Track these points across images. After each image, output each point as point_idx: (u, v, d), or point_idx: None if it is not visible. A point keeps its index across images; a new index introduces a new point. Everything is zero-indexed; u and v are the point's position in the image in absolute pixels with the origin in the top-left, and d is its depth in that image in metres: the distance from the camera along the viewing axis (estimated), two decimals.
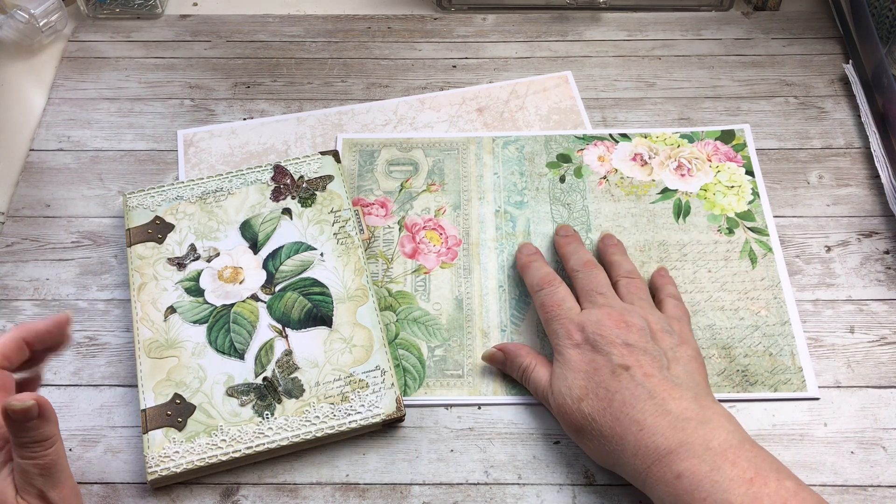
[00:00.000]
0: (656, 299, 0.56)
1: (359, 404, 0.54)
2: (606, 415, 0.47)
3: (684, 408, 0.46)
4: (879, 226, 0.64)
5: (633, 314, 0.51)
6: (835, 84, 0.73)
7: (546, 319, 0.54)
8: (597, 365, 0.49)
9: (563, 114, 0.71)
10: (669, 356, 0.50)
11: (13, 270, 0.63)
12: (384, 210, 0.65)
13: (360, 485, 0.53)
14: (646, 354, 0.49)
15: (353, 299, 0.58)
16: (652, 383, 0.47)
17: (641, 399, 0.47)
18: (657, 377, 0.48)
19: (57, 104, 0.73)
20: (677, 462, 0.44)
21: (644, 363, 0.48)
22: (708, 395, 0.49)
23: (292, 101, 0.72)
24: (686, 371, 0.49)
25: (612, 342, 0.50)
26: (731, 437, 0.45)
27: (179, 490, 0.53)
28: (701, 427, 0.45)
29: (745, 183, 0.65)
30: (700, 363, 0.51)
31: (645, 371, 0.48)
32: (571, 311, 0.53)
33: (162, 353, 0.56)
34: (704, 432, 0.45)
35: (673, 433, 0.45)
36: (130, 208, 0.62)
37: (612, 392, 0.47)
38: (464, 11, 0.79)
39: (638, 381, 0.47)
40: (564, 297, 0.54)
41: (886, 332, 0.58)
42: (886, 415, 0.55)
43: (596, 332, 0.50)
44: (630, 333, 0.50)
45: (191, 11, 0.80)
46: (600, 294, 0.54)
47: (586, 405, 0.48)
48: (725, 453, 0.44)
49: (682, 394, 0.47)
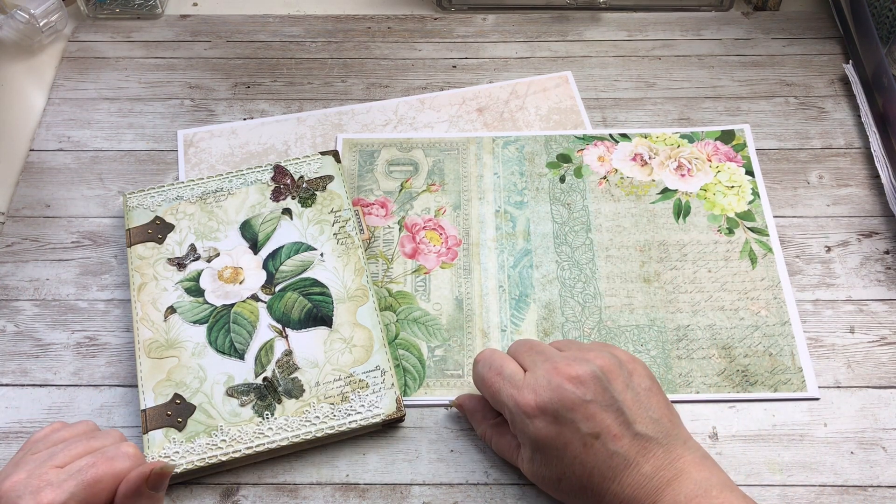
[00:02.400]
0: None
1: (359, 404, 0.54)
2: (587, 491, 0.46)
3: (657, 466, 0.46)
4: (879, 226, 0.64)
5: (579, 362, 0.48)
6: (835, 84, 0.73)
7: (492, 395, 0.50)
8: (566, 439, 0.46)
9: (563, 114, 0.71)
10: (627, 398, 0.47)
11: (13, 270, 0.63)
12: (384, 210, 0.65)
13: (360, 485, 0.53)
14: (608, 411, 0.46)
15: (353, 299, 0.58)
16: (623, 447, 0.46)
17: (619, 469, 0.46)
18: (626, 438, 0.46)
19: (57, 104, 0.73)
20: None
21: (610, 424, 0.46)
22: (675, 435, 0.47)
23: (292, 101, 0.72)
24: (649, 416, 0.47)
25: (573, 407, 0.46)
26: (697, 487, 0.45)
27: (179, 490, 0.53)
28: (670, 484, 0.45)
29: (745, 183, 0.65)
30: (656, 390, 0.48)
31: (613, 434, 0.46)
32: (515, 375, 0.49)
33: (162, 353, 0.56)
34: (673, 489, 0.45)
35: (647, 495, 0.45)
36: (130, 208, 0.62)
37: (590, 467, 0.46)
38: (464, 11, 0.79)
39: (610, 448, 0.46)
40: (502, 363, 0.50)
41: (886, 332, 0.58)
42: (886, 415, 0.55)
43: (552, 398, 0.46)
44: (585, 388, 0.46)
45: (191, 11, 0.80)
46: (538, 353, 0.50)
47: (565, 484, 0.47)
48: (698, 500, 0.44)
49: (653, 449, 0.46)
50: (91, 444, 0.44)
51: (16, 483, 0.41)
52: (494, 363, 0.50)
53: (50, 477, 0.41)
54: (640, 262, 0.62)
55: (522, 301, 0.60)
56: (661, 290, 0.60)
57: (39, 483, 0.41)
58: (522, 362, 0.50)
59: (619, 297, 0.60)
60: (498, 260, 0.62)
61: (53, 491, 0.40)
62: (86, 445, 0.44)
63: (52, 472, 0.41)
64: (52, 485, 0.41)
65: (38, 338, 0.59)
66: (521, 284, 0.61)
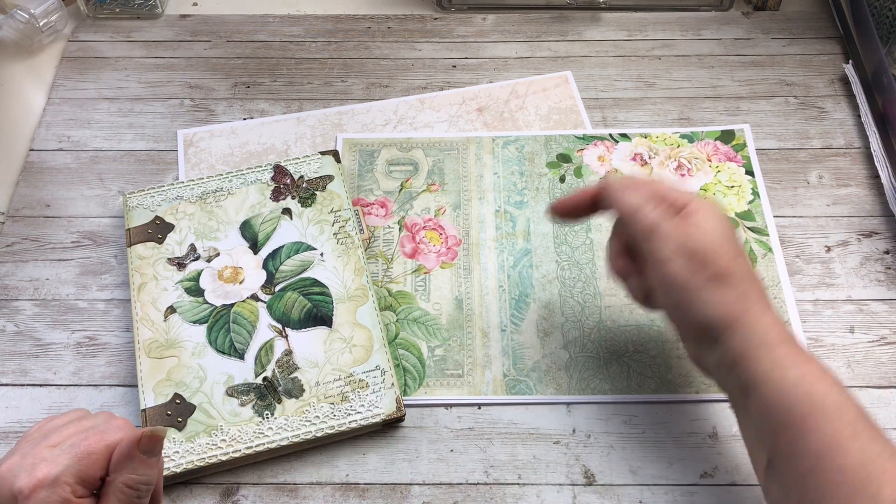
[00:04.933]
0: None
1: (359, 404, 0.54)
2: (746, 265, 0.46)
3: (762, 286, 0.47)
4: (879, 226, 0.64)
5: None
6: (835, 84, 0.73)
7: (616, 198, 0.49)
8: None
9: (563, 114, 0.71)
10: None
11: (13, 270, 0.63)
12: (384, 210, 0.65)
13: (360, 485, 0.53)
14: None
15: (353, 299, 0.58)
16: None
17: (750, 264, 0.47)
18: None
19: (57, 104, 0.73)
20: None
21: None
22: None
23: (292, 101, 0.72)
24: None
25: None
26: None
27: (179, 490, 0.53)
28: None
29: (745, 183, 0.65)
30: None
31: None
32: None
33: (162, 353, 0.56)
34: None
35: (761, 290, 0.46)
36: (130, 208, 0.62)
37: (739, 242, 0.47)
38: (464, 11, 0.79)
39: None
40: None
41: (886, 332, 0.58)
42: (886, 415, 0.55)
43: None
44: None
45: (191, 11, 0.80)
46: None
47: (733, 248, 0.46)
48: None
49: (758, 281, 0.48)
50: (82, 423, 0.44)
51: (12, 464, 0.41)
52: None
53: (44, 454, 0.41)
54: None
55: (522, 301, 0.60)
56: None
57: (34, 461, 0.41)
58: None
59: (619, 297, 0.60)
60: (498, 260, 0.62)
61: (48, 466, 0.40)
62: (77, 425, 0.44)
63: (45, 451, 0.42)
64: (46, 460, 0.41)
65: (37, 338, 0.59)
66: (521, 284, 0.61)
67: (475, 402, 0.56)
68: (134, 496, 0.41)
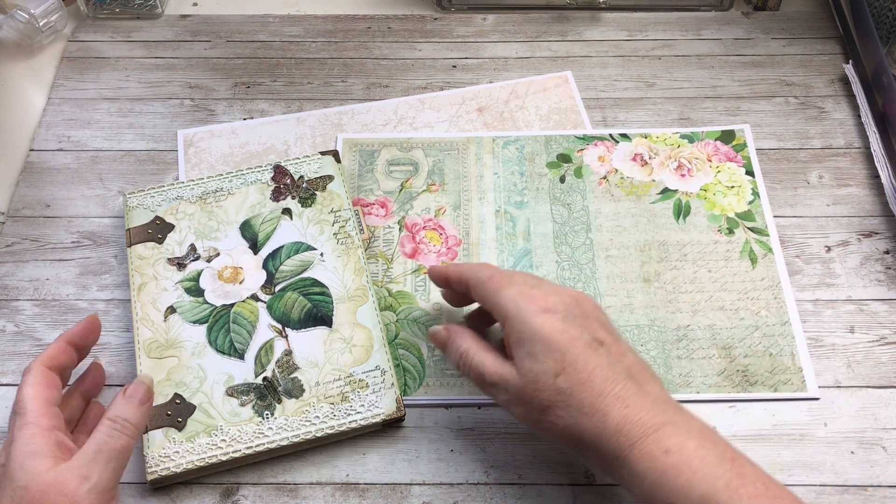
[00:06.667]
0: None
1: (359, 404, 0.54)
2: (587, 389, 0.44)
3: (658, 391, 0.46)
4: (879, 226, 0.64)
5: (582, 294, 0.49)
6: (835, 84, 0.73)
7: (495, 291, 0.48)
8: (571, 335, 0.45)
9: (563, 114, 0.71)
10: (622, 339, 0.48)
11: (13, 270, 0.63)
12: (384, 210, 0.65)
13: (360, 485, 0.53)
14: (610, 334, 0.47)
15: (353, 299, 0.58)
16: (626, 363, 0.46)
17: (622, 377, 0.45)
18: (629, 357, 0.47)
19: (57, 104, 0.73)
20: (665, 438, 0.43)
21: (612, 341, 0.47)
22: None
23: (292, 101, 0.72)
24: (642, 359, 0.48)
25: (581, 314, 0.47)
26: (704, 424, 0.45)
27: (179, 490, 0.53)
28: (680, 410, 0.45)
29: (745, 183, 0.65)
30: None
31: (616, 349, 0.46)
32: (525, 284, 0.48)
33: (162, 353, 0.56)
34: (684, 415, 0.45)
35: (657, 412, 0.44)
36: (130, 208, 0.62)
37: (593, 366, 0.45)
38: (464, 11, 0.79)
39: (614, 358, 0.46)
40: (513, 274, 0.49)
41: (886, 332, 0.58)
42: (886, 415, 0.55)
43: (562, 301, 0.47)
44: (591, 308, 0.48)
45: (191, 11, 0.80)
46: (540, 279, 0.50)
47: (563, 380, 0.45)
48: (706, 434, 0.44)
49: (652, 379, 0.46)
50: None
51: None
52: (504, 271, 0.50)
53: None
54: (640, 262, 0.62)
55: None
56: (661, 290, 0.60)
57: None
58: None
59: (619, 297, 0.60)
60: (498, 260, 0.62)
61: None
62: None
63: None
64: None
65: (38, 338, 0.59)
66: None
67: (475, 402, 0.56)
68: (115, 427, 0.47)
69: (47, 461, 0.45)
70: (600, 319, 0.48)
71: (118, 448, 0.47)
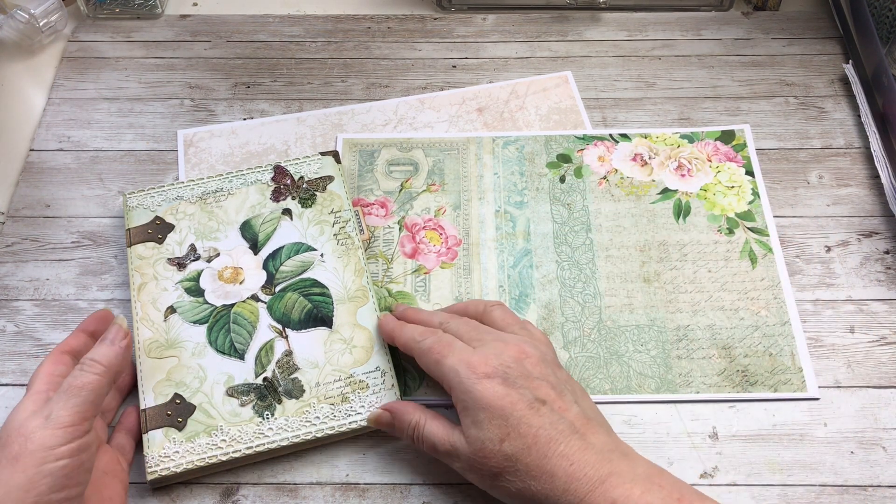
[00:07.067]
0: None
1: (359, 405, 0.54)
2: (532, 453, 0.45)
3: (604, 440, 0.46)
4: (879, 226, 0.64)
5: (526, 343, 0.50)
6: (835, 84, 0.73)
7: (436, 362, 0.49)
8: (512, 399, 0.46)
9: (563, 114, 0.71)
10: (568, 388, 0.49)
11: (13, 270, 0.63)
12: (384, 210, 0.65)
13: (360, 485, 0.53)
14: (553, 388, 0.48)
15: (353, 300, 0.58)
16: (570, 417, 0.47)
17: (566, 434, 0.46)
18: (572, 411, 0.47)
19: (57, 104, 0.73)
20: (611, 489, 0.44)
21: (555, 397, 0.47)
22: (611, 429, 0.49)
23: (292, 101, 0.72)
24: (589, 405, 0.49)
25: (522, 374, 0.47)
26: (650, 466, 0.46)
27: (179, 490, 0.53)
28: (624, 458, 0.46)
29: (745, 183, 0.66)
30: (587, 394, 0.51)
31: (560, 405, 0.47)
32: (465, 350, 0.49)
33: (162, 353, 0.56)
34: (629, 462, 0.46)
35: (601, 464, 0.45)
36: (130, 208, 0.62)
37: (536, 428, 0.46)
38: (464, 11, 0.79)
39: (557, 415, 0.46)
40: (452, 340, 0.50)
41: (886, 332, 0.58)
42: (886, 415, 0.55)
43: (502, 363, 0.48)
44: (533, 365, 0.48)
45: (191, 11, 0.80)
46: (485, 332, 0.51)
47: (508, 445, 0.46)
48: (651, 478, 0.45)
49: (597, 428, 0.47)
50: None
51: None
52: (444, 338, 0.51)
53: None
54: (640, 262, 0.62)
55: (522, 301, 0.60)
56: (661, 290, 0.60)
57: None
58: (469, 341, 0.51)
59: (619, 297, 0.60)
60: (498, 260, 0.62)
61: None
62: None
63: None
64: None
65: (38, 338, 0.59)
66: (521, 284, 0.61)
67: None
68: (82, 368, 0.48)
69: (26, 412, 0.46)
70: (543, 375, 0.48)
71: (78, 385, 0.47)
